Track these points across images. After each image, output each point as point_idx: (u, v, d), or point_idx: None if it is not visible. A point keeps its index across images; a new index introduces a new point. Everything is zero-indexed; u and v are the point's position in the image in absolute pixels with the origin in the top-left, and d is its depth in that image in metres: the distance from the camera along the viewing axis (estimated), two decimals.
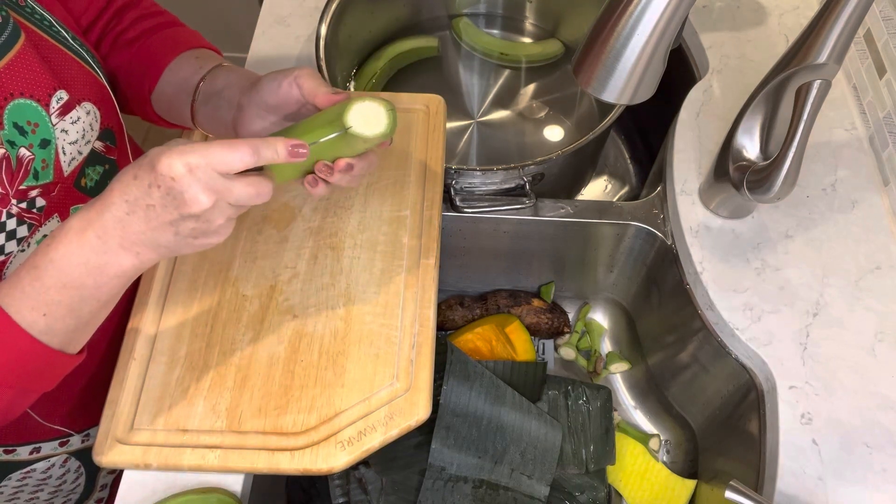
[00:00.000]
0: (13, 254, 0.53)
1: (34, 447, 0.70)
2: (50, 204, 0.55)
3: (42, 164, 0.54)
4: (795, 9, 0.95)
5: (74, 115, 0.56)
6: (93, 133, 0.59)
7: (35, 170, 0.53)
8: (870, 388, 0.66)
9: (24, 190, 0.52)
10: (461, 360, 0.73)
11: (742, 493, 0.56)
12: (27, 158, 0.52)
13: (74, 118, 0.56)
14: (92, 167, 0.60)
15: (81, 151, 0.58)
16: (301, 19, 0.98)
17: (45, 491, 0.75)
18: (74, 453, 0.75)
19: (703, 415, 0.83)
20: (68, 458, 0.75)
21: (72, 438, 0.74)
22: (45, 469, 0.73)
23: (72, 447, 0.74)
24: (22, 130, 0.52)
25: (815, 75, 0.61)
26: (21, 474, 0.71)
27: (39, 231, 0.55)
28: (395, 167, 0.73)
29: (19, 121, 0.51)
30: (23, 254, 0.53)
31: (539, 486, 0.73)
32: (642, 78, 0.48)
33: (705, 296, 0.73)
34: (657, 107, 0.90)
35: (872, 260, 0.73)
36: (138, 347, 0.62)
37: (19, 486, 0.72)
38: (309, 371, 0.61)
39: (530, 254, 0.89)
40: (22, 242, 0.53)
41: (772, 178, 0.62)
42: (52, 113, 0.54)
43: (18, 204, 0.52)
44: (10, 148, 0.51)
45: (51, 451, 0.72)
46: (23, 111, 0.52)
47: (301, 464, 0.57)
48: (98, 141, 0.60)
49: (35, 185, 0.53)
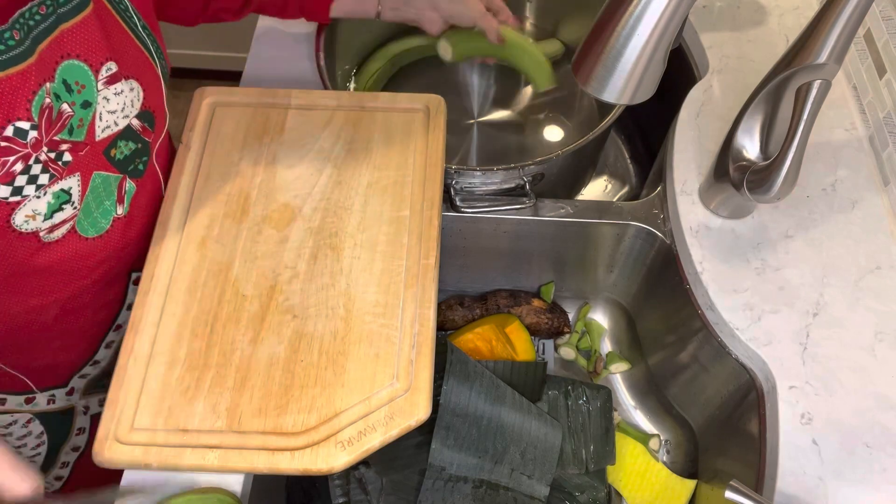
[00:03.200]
0: (29, 197, 0.55)
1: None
2: (76, 161, 0.58)
3: (79, 122, 0.57)
4: (795, 9, 0.95)
5: (119, 88, 0.60)
6: (132, 109, 0.63)
7: (71, 125, 0.57)
8: (870, 388, 0.66)
9: (57, 141, 0.56)
10: (461, 360, 0.73)
11: (742, 493, 0.56)
12: (67, 114, 0.56)
13: (118, 90, 0.61)
14: (124, 141, 0.63)
15: (118, 123, 0.62)
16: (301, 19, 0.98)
17: None
18: (39, 415, 0.76)
19: (703, 415, 0.83)
20: (31, 420, 0.76)
21: (37, 396, 0.74)
22: (6, 424, 0.74)
23: (37, 406, 0.75)
24: (69, 88, 0.56)
25: (815, 75, 0.61)
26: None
27: (58, 184, 0.57)
28: (395, 167, 0.73)
29: (69, 79, 0.56)
30: (37, 200, 0.56)
31: (539, 486, 0.73)
32: (642, 78, 0.47)
33: (705, 296, 0.73)
34: (657, 107, 0.90)
35: (872, 260, 0.73)
36: (138, 347, 0.62)
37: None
38: (309, 371, 0.61)
39: (530, 254, 0.89)
40: (40, 189, 0.56)
41: (772, 178, 0.62)
42: (100, 80, 0.58)
43: (48, 153, 0.55)
44: (55, 100, 0.54)
45: (15, 407, 0.74)
46: (74, 71, 0.56)
47: (301, 464, 0.57)
48: (136, 119, 0.64)
49: (67, 140, 0.57)
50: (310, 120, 0.77)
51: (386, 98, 0.79)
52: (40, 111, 0.53)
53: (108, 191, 0.64)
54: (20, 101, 0.52)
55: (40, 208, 0.57)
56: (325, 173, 0.73)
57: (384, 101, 0.79)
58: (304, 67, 0.93)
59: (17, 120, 0.52)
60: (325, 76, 0.84)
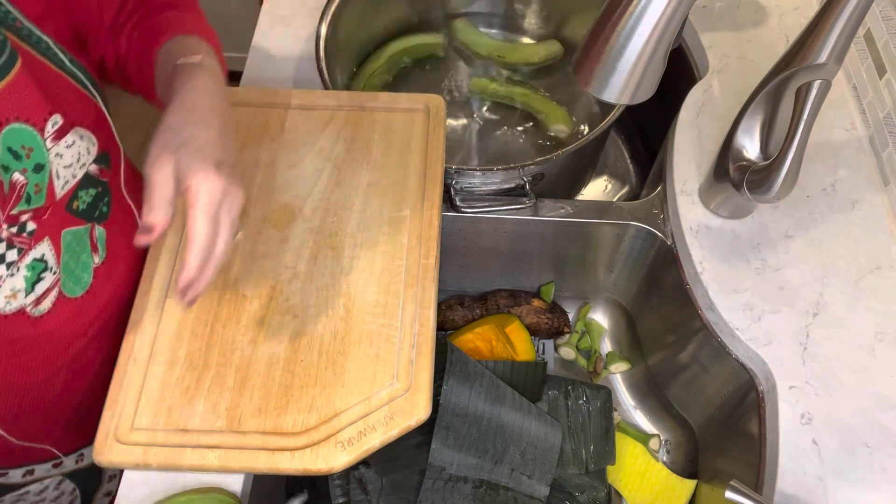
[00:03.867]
0: (2, 278, 0.52)
1: (27, 469, 0.70)
2: (40, 227, 0.55)
3: (35, 188, 0.53)
4: (795, 9, 0.95)
5: (69, 140, 0.55)
6: (88, 157, 0.59)
7: (28, 194, 0.52)
8: (870, 388, 0.66)
9: (16, 215, 0.52)
10: (461, 360, 0.73)
11: (742, 493, 0.56)
12: (20, 183, 0.52)
13: (69, 142, 0.56)
14: (84, 190, 0.59)
15: (76, 175, 0.57)
16: (301, 19, 0.98)
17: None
18: (69, 475, 0.74)
19: (703, 415, 0.83)
20: (63, 480, 0.74)
21: (65, 460, 0.73)
22: (38, 491, 0.72)
23: (66, 468, 0.73)
24: (17, 155, 0.51)
25: (815, 75, 0.61)
26: (15, 496, 0.70)
27: (28, 255, 0.54)
28: (395, 167, 0.73)
29: (14, 145, 0.51)
30: (11, 278, 0.52)
31: (539, 486, 0.73)
32: (642, 78, 0.47)
33: (705, 296, 0.73)
34: (657, 107, 0.90)
35: (872, 260, 0.73)
36: (138, 347, 0.62)
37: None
38: (309, 371, 0.61)
39: (530, 254, 0.89)
40: (11, 267, 0.53)
41: (772, 178, 0.62)
42: (47, 137, 0.53)
43: (9, 228, 0.52)
44: (3, 173, 0.50)
45: (44, 474, 0.71)
46: (18, 136, 0.51)
47: (301, 464, 0.57)
48: (93, 164, 0.60)
49: (27, 210, 0.53)
50: (310, 120, 0.77)
51: (386, 98, 0.79)
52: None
53: (81, 244, 0.60)
54: None
55: (18, 285, 0.54)
56: (325, 173, 0.73)
57: (384, 101, 0.79)
58: (304, 67, 0.93)
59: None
60: (326, 76, 0.84)
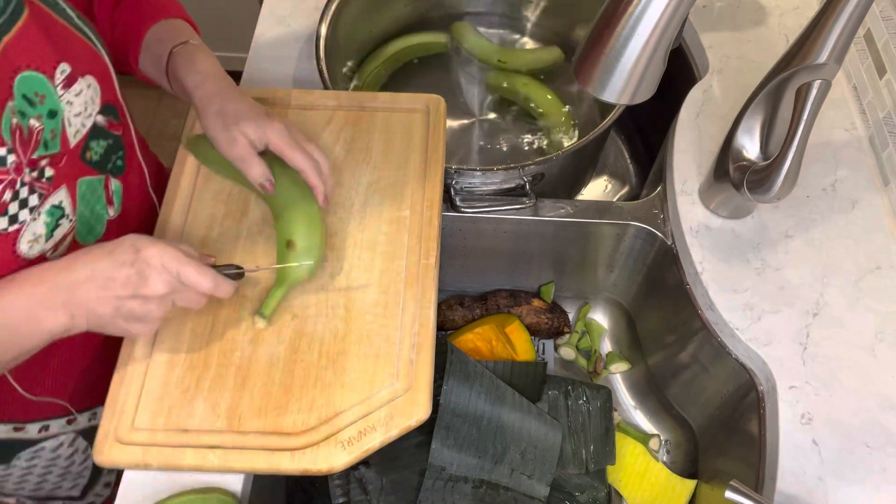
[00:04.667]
0: (26, 223, 0.55)
1: (42, 425, 0.72)
2: (58, 174, 0.57)
3: (51, 134, 0.56)
4: (795, 9, 0.95)
5: (77, 88, 0.58)
6: (94, 107, 0.61)
7: (45, 140, 0.55)
8: (870, 388, 0.66)
9: (35, 160, 0.55)
10: (461, 360, 0.73)
11: (742, 493, 0.56)
12: (37, 129, 0.54)
13: (77, 90, 0.58)
14: (95, 141, 0.62)
15: (85, 124, 0.60)
16: (301, 19, 0.98)
17: (53, 473, 0.77)
18: (82, 432, 0.76)
19: (703, 415, 0.83)
20: (76, 437, 0.76)
21: (79, 417, 0.75)
22: (53, 448, 0.74)
23: (79, 426, 0.75)
24: (31, 102, 0.54)
25: (815, 75, 0.61)
26: (30, 453, 0.73)
27: (48, 201, 0.56)
28: (395, 167, 0.73)
29: (27, 92, 0.54)
30: (34, 223, 0.55)
31: (539, 486, 0.73)
32: (642, 78, 0.47)
33: (705, 296, 0.73)
34: (657, 107, 0.90)
35: (872, 260, 0.73)
36: (138, 347, 0.62)
37: (28, 466, 0.74)
38: (309, 371, 0.61)
39: (530, 254, 0.89)
40: (34, 212, 0.55)
41: (772, 178, 0.62)
42: (57, 85, 0.56)
43: (31, 173, 0.54)
44: (21, 118, 0.53)
45: (59, 430, 0.73)
46: (30, 83, 0.54)
47: (301, 464, 0.57)
48: (100, 115, 0.62)
49: (45, 155, 0.55)
50: (310, 120, 0.77)
51: (386, 98, 0.79)
52: (11, 133, 0.52)
53: (95, 195, 0.63)
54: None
55: (39, 230, 0.56)
56: None
57: (384, 101, 0.79)
58: (304, 67, 0.93)
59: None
60: (326, 76, 0.84)
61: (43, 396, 0.69)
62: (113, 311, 0.54)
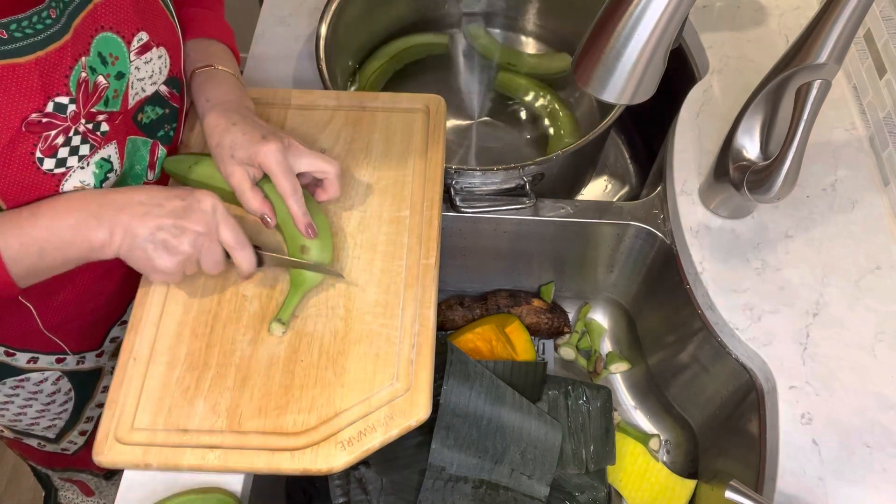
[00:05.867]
0: (73, 168, 0.58)
1: (32, 356, 0.74)
2: (112, 130, 0.61)
3: (114, 93, 0.60)
4: (795, 9, 0.95)
5: (149, 56, 0.63)
6: (160, 76, 0.65)
7: (107, 97, 0.59)
8: (870, 388, 0.66)
9: (94, 113, 0.58)
10: (461, 360, 0.73)
11: (742, 493, 0.56)
12: (102, 86, 0.58)
13: (148, 59, 0.63)
14: (151, 106, 0.66)
15: (146, 90, 0.64)
16: (301, 19, 0.98)
17: (33, 408, 0.80)
18: (68, 374, 0.79)
19: (703, 415, 0.83)
20: (61, 377, 0.79)
21: (68, 357, 0.77)
22: (37, 381, 0.77)
23: (67, 366, 0.78)
24: (104, 60, 0.58)
25: (815, 75, 0.61)
26: (15, 381, 0.76)
27: (98, 153, 0.60)
28: (395, 167, 0.73)
29: (103, 51, 0.58)
30: (82, 171, 0.59)
31: (539, 486, 0.73)
32: (642, 78, 0.47)
33: (705, 296, 0.73)
34: (657, 107, 0.90)
35: (872, 260, 0.73)
36: (138, 347, 0.62)
37: (11, 394, 0.77)
38: (309, 371, 0.61)
39: (530, 254, 0.89)
40: (83, 160, 0.58)
41: (772, 178, 0.62)
42: (132, 50, 0.61)
43: (86, 124, 0.58)
44: (90, 73, 0.57)
45: (46, 365, 0.76)
46: (108, 44, 0.58)
47: (301, 464, 0.57)
48: (164, 85, 0.66)
49: (104, 111, 0.59)
50: (310, 120, 0.77)
51: (386, 98, 0.79)
52: (77, 85, 0.55)
53: (139, 155, 0.66)
54: (58, 77, 0.54)
55: (87, 179, 0.59)
56: None
57: (384, 101, 0.79)
58: (304, 67, 0.93)
59: (56, 96, 0.54)
60: (326, 76, 0.84)
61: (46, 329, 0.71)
62: (149, 233, 0.57)
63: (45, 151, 0.55)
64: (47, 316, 0.70)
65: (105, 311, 0.76)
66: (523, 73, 1.04)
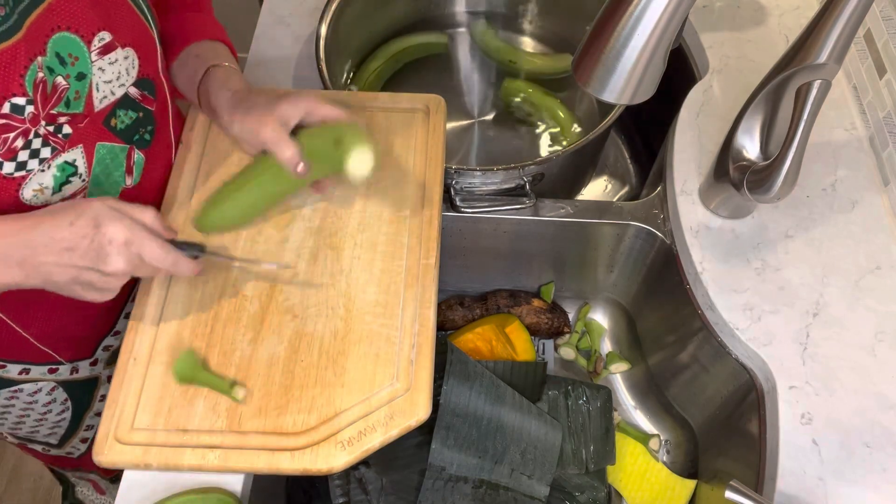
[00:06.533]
0: (33, 171, 0.56)
1: (23, 367, 0.73)
2: (76, 133, 0.59)
3: (75, 94, 0.58)
4: (795, 9, 0.95)
5: (113, 57, 0.60)
6: (128, 78, 0.63)
7: (68, 98, 0.57)
8: (870, 388, 0.66)
9: (55, 115, 0.56)
10: (461, 360, 0.73)
11: (742, 493, 0.56)
12: (62, 87, 0.56)
13: (112, 59, 0.60)
14: (124, 111, 0.64)
15: (114, 92, 0.62)
16: (301, 19, 0.98)
17: (30, 417, 0.79)
18: (62, 383, 0.78)
19: (703, 415, 0.83)
20: (56, 388, 0.78)
21: (60, 367, 0.76)
22: (31, 392, 0.76)
23: (60, 376, 0.77)
24: (63, 61, 0.56)
25: (815, 75, 0.61)
26: (9, 392, 0.74)
27: (61, 157, 0.58)
28: (395, 167, 0.73)
29: (61, 52, 0.56)
30: (42, 173, 0.57)
31: (539, 486, 0.73)
32: (642, 78, 0.47)
33: (705, 296, 0.73)
34: (657, 107, 0.90)
35: (872, 260, 0.73)
36: (138, 347, 0.62)
37: (7, 404, 0.76)
38: (309, 371, 0.61)
39: (530, 254, 0.89)
40: (43, 163, 0.57)
41: (772, 178, 0.62)
42: (93, 51, 0.58)
43: (47, 126, 0.56)
44: (48, 74, 0.55)
45: (39, 376, 0.75)
46: (66, 44, 0.56)
47: (301, 464, 0.57)
48: (133, 87, 0.64)
49: (65, 113, 0.57)
50: None
51: (386, 98, 0.79)
52: (34, 86, 0.54)
53: (115, 162, 0.64)
54: (13, 76, 0.52)
55: (46, 182, 0.58)
56: None
57: (384, 101, 0.79)
58: (304, 67, 0.93)
59: (12, 96, 0.52)
60: (326, 76, 0.84)
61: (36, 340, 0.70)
62: (70, 279, 0.55)
63: (3, 155, 0.54)
64: (36, 327, 0.69)
65: (96, 319, 0.75)
66: (524, 70, 1.04)
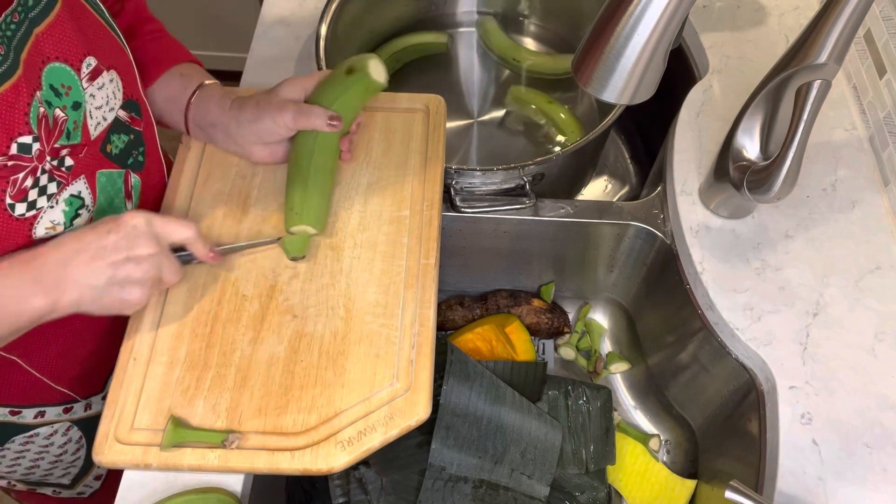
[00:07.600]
0: (43, 209, 0.55)
1: (39, 411, 0.72)
2: (78, 164, 0.58)
3: (73, 125, 0.57)
4: (795, 9, 0.95)
5: (100, 82, 0.60)
6: (116, 101, 0.63)
7: (67, 130, 0.56)
8: (870, 388, 0.66)
9: (58, 148, 0.56)
10: (461, 360, 0.73)
11: (742, 493, 0.56)
12: (62, 119, 0.56)
13: (100, 84, 0.60)
14: (116, 135, 0.63)
15: (106, 118, 0.61)
16: (301, 19, 0.98)
17: (45, 460, 0.78)
18: (77, 422, 0.77)
19: (703, 415, 0.83)
20: (71, 427, 0.77)
21: (75, 405, 0.75)
22: (47, 435, 0.75)
23: (75, 415, 0.76)
24: (57, 92, 0.55)
25: (815, 75, 0.61)
26: (24, 438, 0.73)
27: (66, 190, 0.57)
28: (395, 167, 0.73)
29: (55, 83, 0.55)
30: (51, 210, 0.56)
31: (539, 486, 0.73)
32: (642, 78, 0.47)
33: (705, 296, 0.73)
34: (657, 107, 0.90)
35: (872, 260, 0.73)
36: (138, 347, 0.62)
37: (21, 451, 0.74)
38: (309, 371, 0.61)
39: (530, 254, 0.89)
40: (51, 199, 0.56)
41: (772, 178, 0.62)
42: (83, 78, 0.58)
43: (51, 161, 0.55)
44: (48, 108, 0.54)
45: (55, 418, 0.74)
46: (58, 74, 0.55)
47: (301, 464, 0.57)
48: (122, 110, 0.64)
49: (66, 145, 0.57)
50: None
51: (386, 98, 0.79)
52: (38, 121, 0.53)
53: (115, 188, 0.64)
54: (18, 115, 0.51)
55: (57, 218, 0.57)
56: None
57: (384, 101, 0.79)
58: (304, 67, 0.93)
59: (18, 136, 0.51)
60: None
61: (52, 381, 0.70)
62: (108, 279, 0.54)
63: (14, 196, 0.52)
64: (52, 367, 0.69)
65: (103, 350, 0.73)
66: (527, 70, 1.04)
